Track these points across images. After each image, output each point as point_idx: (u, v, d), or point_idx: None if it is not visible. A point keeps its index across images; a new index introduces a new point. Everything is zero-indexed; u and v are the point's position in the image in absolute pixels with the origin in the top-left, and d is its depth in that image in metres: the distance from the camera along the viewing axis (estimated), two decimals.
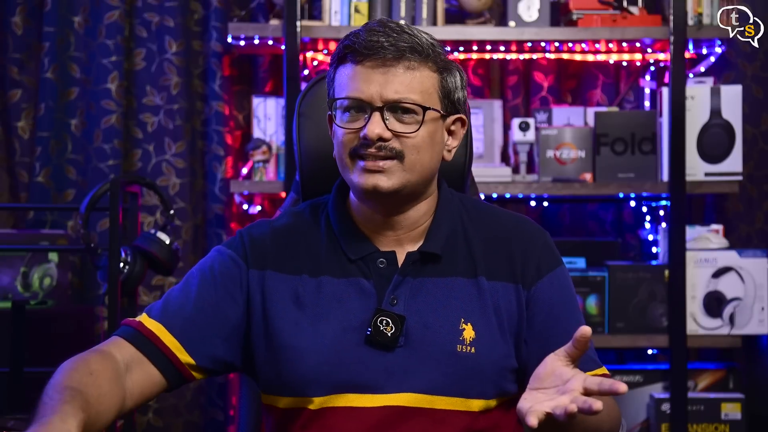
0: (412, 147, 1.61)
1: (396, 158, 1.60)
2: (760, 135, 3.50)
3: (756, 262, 3.18)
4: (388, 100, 1.59)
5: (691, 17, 3.17)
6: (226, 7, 3.39)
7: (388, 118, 1.60)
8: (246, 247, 1.69)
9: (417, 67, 1.61)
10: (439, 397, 1.60)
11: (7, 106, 3.35)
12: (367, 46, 1.59)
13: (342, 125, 1.63)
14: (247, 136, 3.40)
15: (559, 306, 1.68)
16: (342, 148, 1.63)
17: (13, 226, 3.33)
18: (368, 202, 1.66)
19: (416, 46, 1.60)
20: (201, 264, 1.71)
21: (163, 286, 3.35)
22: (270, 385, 1.67)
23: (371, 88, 1.59)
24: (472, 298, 1.65)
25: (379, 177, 1.60)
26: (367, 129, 1.59)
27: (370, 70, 1.60)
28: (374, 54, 1.59)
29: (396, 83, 1.59)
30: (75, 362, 1.54)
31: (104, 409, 1.51)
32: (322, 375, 1.62)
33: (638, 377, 3.22)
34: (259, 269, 1.68)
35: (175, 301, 1.67)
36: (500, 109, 3.40)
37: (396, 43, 1.59)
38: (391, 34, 1.60)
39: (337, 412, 1.62)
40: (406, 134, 1.60)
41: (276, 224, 1.73)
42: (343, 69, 1.63)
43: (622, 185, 3.19)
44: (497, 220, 1.73)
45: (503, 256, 1.68)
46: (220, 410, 3.37)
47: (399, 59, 1.60)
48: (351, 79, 1.61)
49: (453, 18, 3.31)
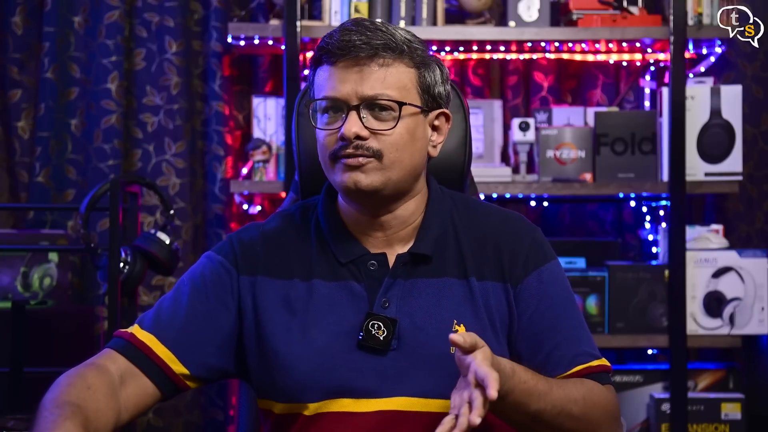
0: (391, 145, 1.60)
1: (374, 157, 1.59)
2: (760, 135, 3.50)
3: (756, 262, 3.18)
4: (364, 97, 1.59)
5: (691, 17, 3.17)
6: (226, 7, 3.39)
7: (365, 116, 1.59)
8: (236, 252, 1.68)
9: (392, 64, 1.60)
10: (433, 400, 1.60)
11: (7, 106, 3.35)
12: (341, 46, 1.59)
13: (321, 127, 1.62)
14: (247, 136, 3.40)
15: (547, 301, 1.67)
16: (324, 150, 1.63)
17: (13, 226, 3.34)
18: (353, 202, 1.66)
19: (390, 43, 1.60)
20: (191, 272, 1.70)
21: (163, 286, 3.35)
22: (265, 390, 1.66)
23: (346, 87, 1.59)
24: (463, 299, 1.65)
25: (358, 174, 1.59)
26: (344, 128, 1.58)
27: (345, 70, 1.59)
28: (348, 53, 1.59)
29: (371, 80, 1.59)
30: (72, 377, 1.54)
31: (102, 424, 1.51)
32: (316, 381, 1.61)
33: (638, 377, 3.22)
34: (250, 275, 1.67)
35: (166, 311, 1.66)
36: (500, 109, 3.40)
37: (369, 41, 1.58)
38: (365, 32, 1.59)
39: (332, 417, 1.61)
40: (383, 131, 1.59)
41: (266, 228, 1.72)
42: (319, 71, 1.64)
43: (622, 185, 3.19)
44: (487, 219, 1.72)
45: (492, 255, 1.68)
46: (220, 410, 3.36)
47: (373, 57, 1.59)
48: (327, 80, 1.61)
49: (453, 18, 3.31)
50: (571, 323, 1.67)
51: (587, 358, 1.65)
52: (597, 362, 1.66)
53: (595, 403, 1.60)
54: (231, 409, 3.34)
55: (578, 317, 1.70)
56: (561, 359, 1.64)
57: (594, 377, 1.64)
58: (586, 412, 1.58)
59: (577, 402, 1.57)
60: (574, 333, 1.67)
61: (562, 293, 1.69)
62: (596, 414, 1.60)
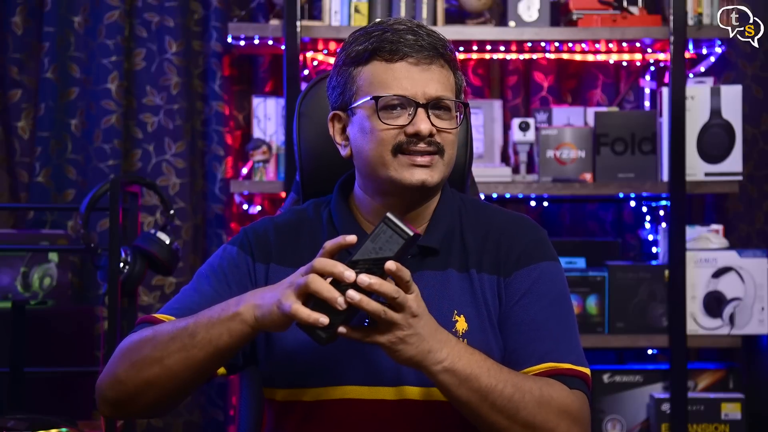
0: (450, 143, 1.67)
1: (438, 154, 1.65)
2: (760, 135, 3.50)
3: (756, 262, 3.18)
4: (431, 97, 1.64)
5: (691, 17, 3.17)
6: (226, 7, 3.39)
7: (431, 115, 1.64)
8: (251, 242, 1.72)
9: (445, 65, 1.68)
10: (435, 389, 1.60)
11: (7, 106, 3.35)
12: (406, 44, 1.64)
13: (385, 122, 1.64)
14: (247, 136, 3.40)
15: (533, 296, 1.66)
16: (382, 145, 1.64)
17: (13, 226, 3.34)
18: (400, 196, 1.67)
19: (446, 45, 1.68)
20: (210, 264, 1.72)
21: (163, 286, 3.35)
22: (269, 377, 1.68)
23: (416, 86, 1.64)
24: (464, 290, 1.67)
25: (428, 171, 1.64)
26: (420, 125, 1.62)
27: (412, 68, 1.64)
28: (413, 53, 1.64)
29: (435, 81, 1.65)
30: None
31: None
32: (318, 367, 1.63)
33: (638, 377, 3.22)
34: (264, 263, 1.70)
35: (190, 300, 1.67)
36: (500, 109, 3.40)
37: (432, 43, 1.65)
38: (421, 32, 1.65)
39: (334, 404, 1.63)
40: (447, 130, 1.65)
41: (278, 220, 1.76)
42: (373, 67, 1.65)
43: (622, 185, 3.19)
44: (493, 218, 1.75)
45: (492, 249, 1.70)
46: (220, 410, 3.37)
47: (434, 58, 1.65)
48: (393, 77, 1.64)
49: (453, 18, 3.32)
50: (555, 324, 1.65)
51: (562, 358, 1.62)
52: (570, 365, 1.62)
53: (552, 399, 1.56)
54: (231, 409, 3.34)
55: (566, 321, 1.67)
56: (532, 354, 1.62)
57: (563, 379, 1.60)
58: (542, 404, 1.54)
59: (531, 391, 1.54)
60: (555, 333, 1.64)
61: (552, 294, 1.68)
62: (552, 410, 1.55)
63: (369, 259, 1.44)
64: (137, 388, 1.57)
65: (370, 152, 1.66)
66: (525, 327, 1.64)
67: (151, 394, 1.57)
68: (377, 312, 1.44)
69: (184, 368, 1.54)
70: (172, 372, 1.54)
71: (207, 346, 1.52)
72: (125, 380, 1.57)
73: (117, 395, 1.59)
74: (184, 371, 1.54)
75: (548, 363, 1.61)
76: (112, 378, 1.58)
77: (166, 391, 1.56)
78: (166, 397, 1.58)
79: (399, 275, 1.44)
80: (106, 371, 1.60)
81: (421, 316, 1.47)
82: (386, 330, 1.46)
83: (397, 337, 1.47)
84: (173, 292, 3.34)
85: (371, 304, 1.43)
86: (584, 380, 1.63)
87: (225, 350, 1.53)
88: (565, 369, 1.61)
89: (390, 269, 1.43)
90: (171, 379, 1.55)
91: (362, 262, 1.44)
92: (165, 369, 1.54)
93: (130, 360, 1.57)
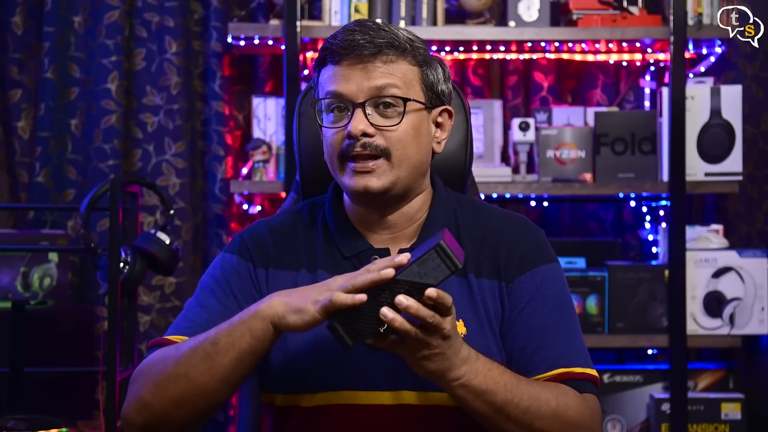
0: (397, 141, 1.62)
1: (383, 156, 1.61)
2: (760, 135, 3.50)
3: (756, 262, 3.18)
4: (369, 94, 1.61)
5: (691, 17, 3.17)
6: (226, 7, 3.39)
7: (370, 114, 1.61)
8: (249, 247, 1.70)
9: (395, 61, 1.62)
10: (433, 394, 1.61)
11: (7, 106, 3.35)
12: (344, 45, 1.61)
13: (327, 125, 1.63)
14: (247, 136, 3.40)
15: (538, 301, 1.66)
16: (331, 150, 1.64)
17: (13, 226, 3.33)
18: (361, 203, 1.67)
19: (393, 41, 1.62)
20: (212, 275, 1.70)
21: (163, 286, 3.35)
22: (269, 381, 1.68)
23: (351, 85, 1.61)
24: (463, 295, 1.66)
25: (368, 178, 1.61)
26: (351, 126, 1.60)
27: (349, 68, 1.61)
28: (351, 52, 1.60)
29: (375, 77, 1.61)
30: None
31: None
32: (317, 372, 1.63)
33: (638, 377, 3.22)
34: (264, 268, 1.69)
35: (197, 316, 1.64)
36: (500, 109, 3.40)
37: (373, 40, 1.60)
38: (368, 32, 1.61)
39: (332, 410, 1.63)
40: (389, 128, 1.61)
41: (273, 223, 1.75)
42: (324, 71, 1.65)
43: (622, 185, 3.19)
44: (490, 220, 1.73)
45: (490, 253, 1.68)
46: (220, 410, 3.36)
47: (376, 54, 1.61)
48: (331, 79, 1.63)
49: (453, 18, 3.32)
50: (562, 327, 1.65)
51: (572, 362, 1.63)
52: (581, 369, 1.63)
53: (569, 408, 1.57)
54: (231, 409, 3.34)
55: (571, 323, 1.67)
56: (543, 360, 1.62)
57: (574, 384, 1.61)
58: (557, 414, 1.56)
59: (548, 402, 1.55)
60: (563, 337, 1.64)
61: (556, 296, 1.68)
62: (567, 421, 1.57)
63: (411, 281, 1.43)
64: (165, 408, 1.54)
65: (327, 158, 1.67)
66: (533, 333, 1.64)
67: (179, 413, 1.54)
68: (408, 333, 1.43)
69: (209, 378, 1.51)
70: (198, 385, 1.52)
71: (230, 351, 1.50)
72: (151, 402, 1.54)
73: (145, 419, 1.55)
74: (209, 381, 1.51)
75: (559, 369, 1.62)
76: (138, 402, 1.55)
77: (194, 407, 1.53)
78: (195, 414, 1.55)
79: (440, 302, 1.43)
80: (130, 397, 1.57)
81: (451, 338, 1.47)
82: (414, 345, 1.46)
83: (423, 354, 1.46)
84: (173, 292, 3.34)
85: (404, 325, 1.42)
86: (594, 382, 1.64)
87: (248, 354, 1.50)
88: (576, 373, 1.62)
89: (431, 297, 1.42)
90: (198, 393, 1.52)
91: (404, 283, 1.44)
92: (191, 383, 1.52)
93: (153, 380, 1.54)
